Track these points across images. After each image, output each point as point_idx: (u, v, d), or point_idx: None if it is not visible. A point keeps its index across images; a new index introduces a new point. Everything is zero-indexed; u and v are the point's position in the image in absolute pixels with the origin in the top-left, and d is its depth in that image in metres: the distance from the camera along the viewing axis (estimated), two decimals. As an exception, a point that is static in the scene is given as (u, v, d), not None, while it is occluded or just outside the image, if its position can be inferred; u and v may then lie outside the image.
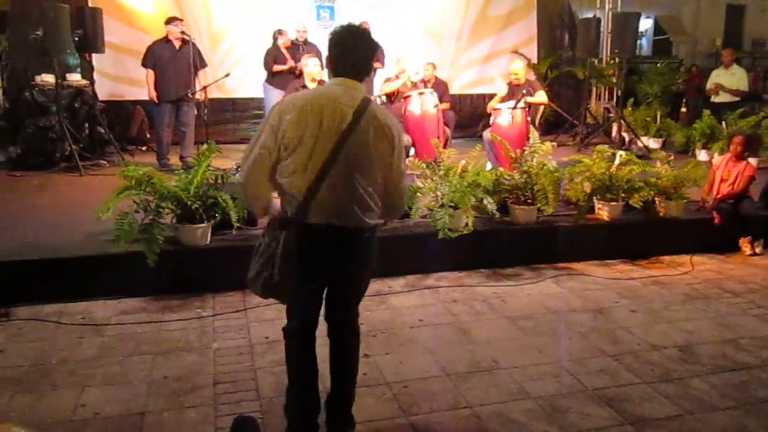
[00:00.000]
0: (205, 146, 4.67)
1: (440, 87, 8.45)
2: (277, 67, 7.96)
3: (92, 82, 8.54)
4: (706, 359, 3.53)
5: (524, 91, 6.55)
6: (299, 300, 2.60)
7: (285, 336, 2.70)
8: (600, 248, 5.21)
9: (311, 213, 2.43)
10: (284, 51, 8.08)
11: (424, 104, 6.83)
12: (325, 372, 2.76)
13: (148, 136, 8.99)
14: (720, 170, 5.60)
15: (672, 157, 5.72)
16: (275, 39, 8.14)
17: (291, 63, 7.96)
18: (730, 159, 5.58)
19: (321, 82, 6.65)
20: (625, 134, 9.40)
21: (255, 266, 2.52)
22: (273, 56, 8.03)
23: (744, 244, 5.39)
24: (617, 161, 5.35)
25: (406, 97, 7.00)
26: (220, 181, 4.64)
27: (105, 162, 7.90)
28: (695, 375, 3.34)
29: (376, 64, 8.30)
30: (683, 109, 12.86)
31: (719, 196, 5.51)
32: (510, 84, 6.99)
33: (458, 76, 10.72)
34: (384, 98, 7.74)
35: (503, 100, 6.82)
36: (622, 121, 9.36)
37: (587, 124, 10.02)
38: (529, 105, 6.78)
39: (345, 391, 2.73)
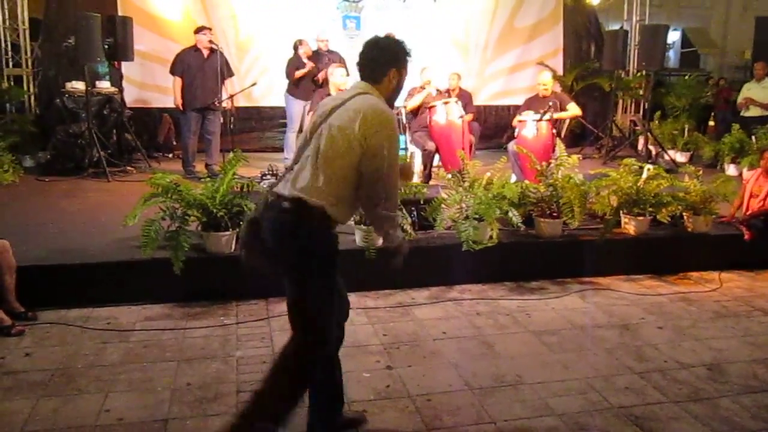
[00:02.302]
0: (231, 155, 4.70)
1: (464, 98, 8.43)
2: (298, 73, 8.01)
3: (121, 90, 8.67)
4: (736, 379, 3.45)
5: (551, 104, 6.50)
6: None
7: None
8: (626, 263, 5.14)
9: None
10: (306, 60, 8.13)
11: (449, 114, 6.81)
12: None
13: (175, 143, 9.10)
14: (750, 185, 5.51)
15: (701, 172, 5.63)
16: (296, 49, 8.19)
17: (311, 65, 7.99)
18: (761, 174, 5.48)
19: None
20: (651, 147, 9.30)
21: None
22: (294, 65, 8.09)
23: (775, 261, 5.28)
24: (645, 175, 5.28)
25: (431, 107, 6.99)
26: (245, 189, 4.66)
27: (132, 168, 8.02)
28: (725, 395, 3.27)
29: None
30: (711, 123, 12.69)
31: (749, 212, 5.41)
32: (535, 96, 6.94)
33: (484, 87, 10.69)
34: (406, 113, 7.72)
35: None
36: (648, 134, 9.25)
37: (613, 136, 9.93)
38: (557, 119, 6.73)
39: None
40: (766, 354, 3.77)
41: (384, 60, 2.58)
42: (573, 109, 6.84)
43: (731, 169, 8.27)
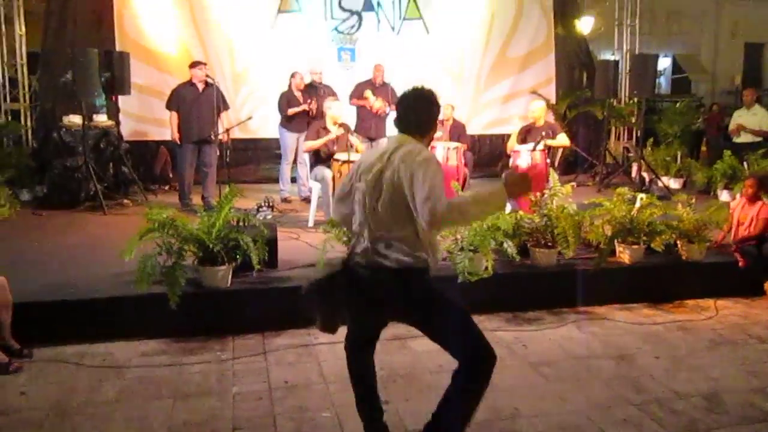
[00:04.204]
0: (227, 189, 4.74)
1: (458, 128, 8.53)
2: (291, 110, 8.08)
3: (118, 123, 8.72)
4: (733, 409, 3.45)
5: (543, 133, 6.57)
6: None
7: None
8: (622, 292, 5.16)
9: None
10: (297, 93, 8.20)
11: (448, 159, 6.80)
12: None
13: (171, 175, 9.13)
14: (737, 213, 5.56)
15: (694, 200, 5.68)
16: (289, 82, 8.28)
17: (304, 106, 8.07)
18: (746, 202, 5.53)
19: (342, 125, 6.75)
20: (645, 174, 9.36)
21: None
22: (286, 99, 8.16)
23: (769, 287, 5.30)
24: (638, 204, 5.33)
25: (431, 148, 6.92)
26: (242, 223, 4.69)
27: (128, 201, 8.04)
28: (722, 426, 3.27)
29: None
30: (703, 148, 12.80)
31: (738, 239, 5.45)
32: (529, 126, 7.02)
33: (478, 116, 10.79)
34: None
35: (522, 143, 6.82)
36: (642, 161, 9.33)
37: (607, 164, 10.01)
38: (549, 147, 6.80)
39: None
40: (763, 383, 3.77)
41: (433, 114, 2.80)
42: (562, 140, 6.90)
43: (724, 195, 8.33)
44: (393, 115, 2.90)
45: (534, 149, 6.49)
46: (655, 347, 4.30)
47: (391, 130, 7.94)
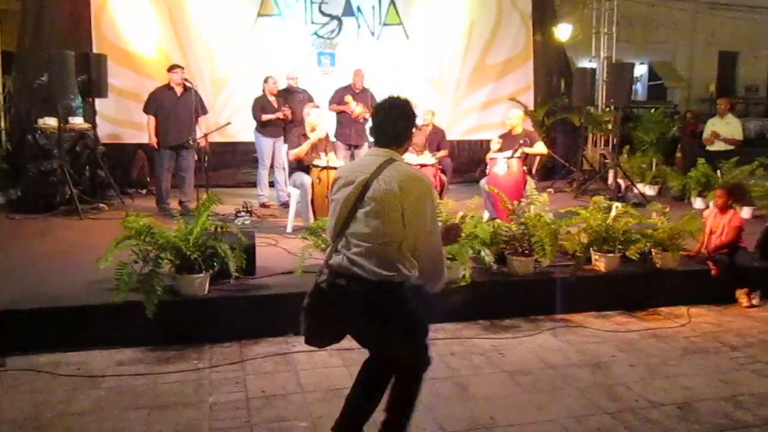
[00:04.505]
0: (205, 196, 4.71)
1: (438, 134, 8.57)
2: (265, 117, 8.05)
3: (94, 126, 8.63)
4: (705, 417, 3.51)
5: (521, 141, 6.63)
6: None
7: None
8: (598, 300, 5.22)
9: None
10: (271, 98, 8.17)
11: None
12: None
13: (149, 179, 9.06)
14: (709, 222, 5.66)
15: (668, 208, 5.77)
16: (263, 87, 8.24)
17: (279, 114, 8.03)
18: (718, 211, 5.64)
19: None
20: (621, 181, 9.50)
21: None
22: (260, 105, 8.12)
23: (741, 295, 5.40)
24: (614, 213, 5.40)
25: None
26: (219, 230, 4.66)
27: (105, 205, 7.96)
28: (694, 434, 3.32)
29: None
30: (678, 155, 13.01)
31: (711, 247, 5.55)
32: (507, 133, 7.07)
33: (457, 122, 10.87)
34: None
35: (499, 151, 6.88)
36: (618, 168, 9.46)
37: (584, 170, 10.13)
38: (527, 155, 6.86)
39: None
40: (734, 391, 3.84)
41: (409, 126, 2.82)
42: (539, 148, 6.95)
43: (698, 203, 8.48)
44: (371, 121, 2.92)
45: (511, 157, 6.55)
46: (630, 355, 4.36)
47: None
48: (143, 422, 3.31)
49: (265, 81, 8.21)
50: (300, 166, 6.73)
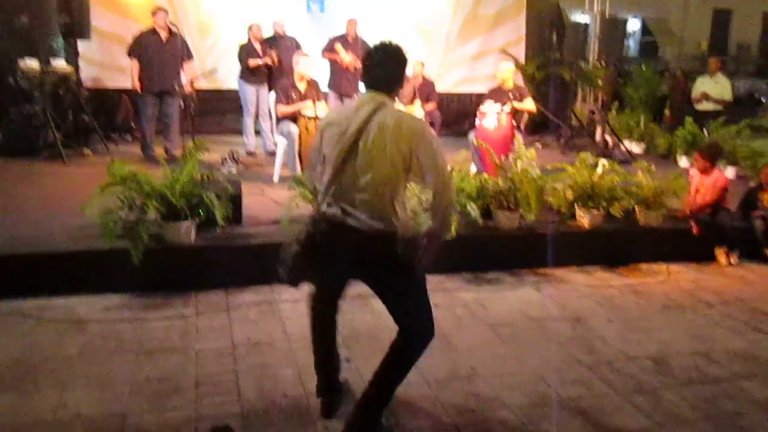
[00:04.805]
0: (191, 144, 4.67)
1: (427, 86, 8.50)
2: (253, 62, 7.91)
3: (77, 69, 8.44)
4: (679, 371, 3.62)
5: (511, 96, 6.59)
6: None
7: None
8: (580, 255, 5.30)
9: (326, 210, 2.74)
10: (257, 45, 8.02)
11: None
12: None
13: (133, 125, 8.93)
14: (695, 181, 5.71)
15: (653, 167, 5.81)
16: (248, 34, 8.08)
17: (267, 59, 7.90)
18: (700, 172, 5.69)
19: (310, 81, 6.66)
20: (608, 138, 9.51)
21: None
22: (246, 51, 7.98)
23: (720, 254, 5.50)
24: (600, 170, 5.44)
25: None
26: (205, 179, 4.64)
27: (89, 151, 7.86)
28: (667, 387, 3.43)
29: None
30: (667, 113, 13.01)
31: (695, 206, 5.62)
32: (497, 87, 7.02)
33: (447, 74, 10.76)
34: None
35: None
36: (606, 125, 9.45)
37: (572, 126, 10.12)
38: (516, 110, 6.83)
39: (367, 391, 2.84)
40: (707, 347, 3.95)
41: (401, 71, 2.76)
42: (528, 104, 6.89)
43: (683, 161, 8.54)
44: (362, 66, 2.85)
45: (501, 111, 6.52)
46: (609, 310, 4.46)
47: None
48: (130, 367, 3.36)
49: (250, 28, 8.06)
50: (287, 115, 6.66)
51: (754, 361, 3.78)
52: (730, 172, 7.74)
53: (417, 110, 7.21)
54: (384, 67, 2.71)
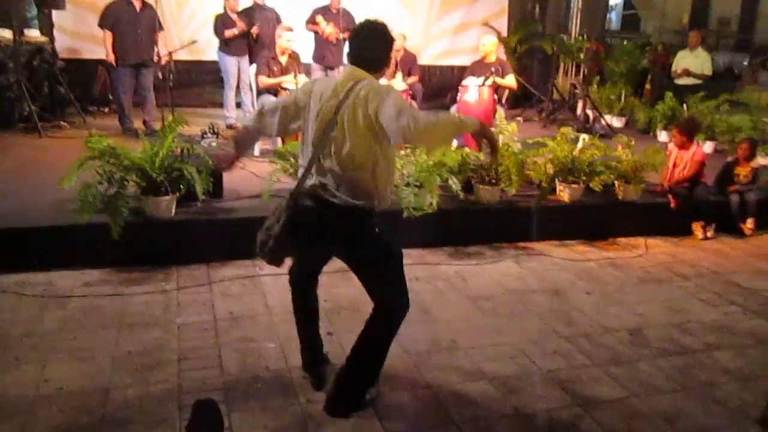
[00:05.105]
0: (170, 117, 4.61)
1: (409, 59, 8.44)
2: (228, 32, 7.76)
3: (52, 39, 8.26)
4: (654, 342, 3.70)
5: (493, 70, 6.57)
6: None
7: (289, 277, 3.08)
8: (560, 229, 5.36)
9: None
10: (233, 16, 7.87)
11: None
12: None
13: (111, 97, 8.77)
14: (673, 156, 5.77)
15: (633, 142, 5.86)
16: (224, 4, 7.91)
17: (241, 26, 7.76)
18: (678, 147, 5.75)
19: (292, 54, 6.59)
20: (589, 112, 9.55)
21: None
22: (222, 21, 7.81)
23: (697, 228, 5.59)
24: (580, 145, 5.47)
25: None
26: (185, 152, 4.60)
27: (65, 123, 7.73)
28: (643, 358, 3.51)
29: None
30: (648, 86, 13.07)
31: (673, 180, 5.69)
32: (479, 60, 6.98)
33: (429, 46, 10.68)
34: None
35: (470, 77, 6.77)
36: (587, 98, 9.48)
37: (554, 100, 10.13)
38: (498, 84, 6.80)
39: (346, 368, 2.87)
40: (683, 318, 4.04)
41: (388, 52, 2.73)
42: (510, 81, 6.82)
43: (663, 136, 8.62)
44: (348, 44, 2.82)
45: (483, 84, 6.50)
46: (587, 283, 4.53)
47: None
48: (111, 342, 3.36)
49: None
50: (268, 88, 6.59)
51: (728, 333, 3.88)
52: (708, 146, 7.83)
53: (398, 83, 7.18)
54: (371, 47, 2.69)
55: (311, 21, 8.31)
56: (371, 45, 2.69)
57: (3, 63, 7.42)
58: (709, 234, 5.59)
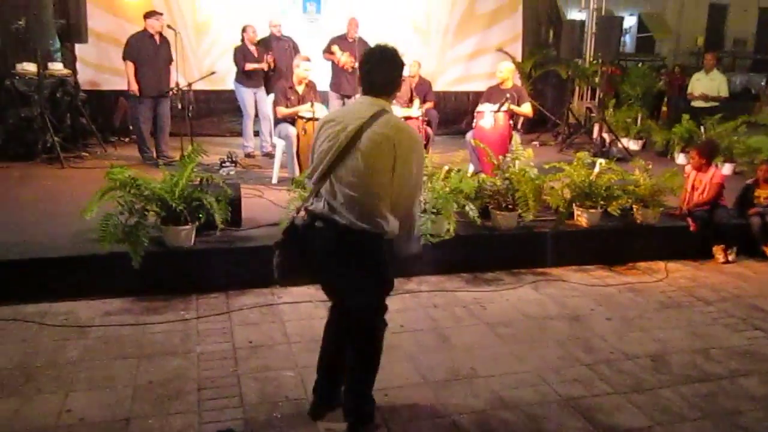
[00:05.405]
0: (190, 147, 4.68)
1: (424, 86, 8.52)
2: (250, 66, 7.89)
3: (75, 72, 8.44)
4: (677, 369, 3.65)
5: (509, 96, 6.60)
6: None
7: None
8: (578, 254, 5.32)
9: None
10: (251, 47, 8.01)
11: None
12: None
13: (131, 127, 8.93)
14: (691, 179, 5.74)
15: (650, 165, 5.83)
16: (242, 36, 8.06)
17: (263, 65, 7.90)
18: (697, 170, 5.71)
19: (309, 83, 6.69)
20: (606, 135, 9.53)
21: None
22: (242, 54, 7.94)
23: (717, 251, 5.53)
24: (597, 169, 5.46)
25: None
26: (205, 182, 4.65)
27: (87, 153, 7.87)
28: (666, 385, 3.46)
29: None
30: (664, 108, 13.04)
31: (692, 204, 5.64)
32: (496, 86, 7.01)
33: (444, 72, 10.76)
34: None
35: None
36: (603, 122, 9.47)
37: (569, 123, 10.14)
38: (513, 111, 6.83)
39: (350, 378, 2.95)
40: (705, 344, 3.98)
41: (398, 76, 2.78)
42: (526, 109, 6.82)
43: (681, 158, 8.55)
44: (359, 69, 2.86)
45: (498, 110, 6.53)
46: (607, 309, 4.48)
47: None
48: (132, 371, 3.38)
49: (244, 30, 8.01)
50: (285, 117, 6.67)
51: (753, 359, 3.81)
52: (726, 168, 7.77)
53: (415, 110, 7.22)
54: (381, 72, 2.72)
55: (328, 50, 8.43)
56: (382, 69, 2.72)
57: (27, 96, 7.60)
58: (730, 257, 5.52)
